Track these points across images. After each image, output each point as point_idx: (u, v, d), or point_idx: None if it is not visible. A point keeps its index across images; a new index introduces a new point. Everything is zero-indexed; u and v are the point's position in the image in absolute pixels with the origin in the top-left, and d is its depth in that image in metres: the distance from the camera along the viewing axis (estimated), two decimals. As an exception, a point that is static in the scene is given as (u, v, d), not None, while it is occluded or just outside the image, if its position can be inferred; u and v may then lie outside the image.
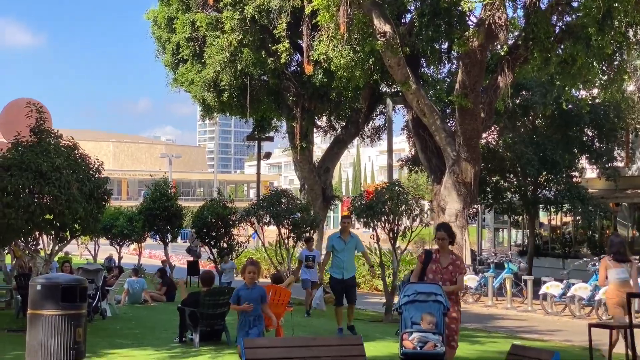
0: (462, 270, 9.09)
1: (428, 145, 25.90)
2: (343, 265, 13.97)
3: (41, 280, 8.66)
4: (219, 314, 12.33)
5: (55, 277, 8.86)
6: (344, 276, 13.97)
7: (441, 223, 10.01)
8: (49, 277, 8.86)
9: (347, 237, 14.25)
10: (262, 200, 20.71)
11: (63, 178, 13.81)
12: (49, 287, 8.52)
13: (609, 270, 11.74)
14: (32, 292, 8.62)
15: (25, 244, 14.68)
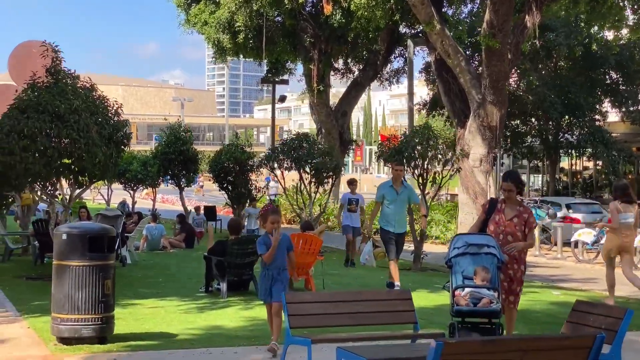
0: (532, 225, 8.06)
1: (452, 88, 25.09)
2: (394, 218, 12.40)
3: (67, 230, 8.10)
4: (247, 263, 11.82)
5: (82, 226, 8.29)
6: (395, 229, 12.39)
7: (509, 172, 9.14)
8: (76, 226, 8.29)
9: (400, 187, 12.59)
10: (282, 144, 20.06)
11: (82, 121, 13.19)
12: (76, 236, 7.96)
13: (620, 214, 12.01)
14: (58, 242, 8.08)
15: (43, 190, 14.14)
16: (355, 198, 17.32)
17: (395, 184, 12.60)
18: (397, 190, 12.54)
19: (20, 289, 12.60)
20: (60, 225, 8.62)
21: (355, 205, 17.02)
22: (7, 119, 13.35)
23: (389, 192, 12.54)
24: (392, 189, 12.56)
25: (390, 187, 12.61)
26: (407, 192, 12.70)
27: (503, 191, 8.05)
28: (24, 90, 13.73)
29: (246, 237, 11.84)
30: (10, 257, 16.95)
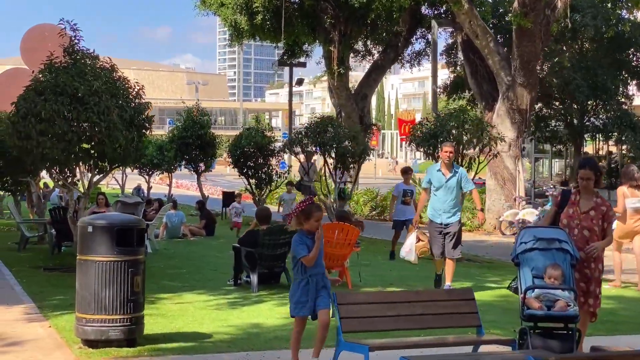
0: (611, 219, 7.26)
1: (479, 69, 24.27)
2: (442, 206, 10.90)
3: (93, 221, 7.39)
4: (279, 254, 11.10)
5: (109, 217, 7.54)
6: (442, 220, 10.91)
7: (586, 159, 8.39)
8: (102, 217, 7.55)
9: (449, 171, 11.05)
10: (307, 128, 19.28)
11: (102, 103, 12.46)
12: (102, 228, 7.24)
13: (627, 198, 12.15)
14: (82, 234, 7.37)
15: (61, 175, 13.43)
16: (410, 189, 15.63)
17: (443, 167, 11.06)
18: (446, 174, 11.00)
19: (38, 281, 11.93)
20: (84, 216, 7.88)
21: (410, 197, 15.33)
22: (23, 101, 12.64)
23: (437, 176, 11.03)
24: (440, 173, 11.02)
25: (438, 171, 11.07)
26: (458, 177, 11.06)
27: (580, 180, 7.15)
28: (41, 71, 13.00)
29: (278, 227, 11.10)
30: (26, 245, 16.31)
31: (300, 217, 6.79)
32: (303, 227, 6.84)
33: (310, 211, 6.88)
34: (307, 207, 6.90)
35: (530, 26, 20.67)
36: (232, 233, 20.63)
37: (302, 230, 6.86)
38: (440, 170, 11.06)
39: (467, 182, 11.31)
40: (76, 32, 13.24)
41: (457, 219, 11.03)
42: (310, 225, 6.84)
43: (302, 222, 6.87)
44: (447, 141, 12.84)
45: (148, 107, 13.56)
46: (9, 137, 12.84)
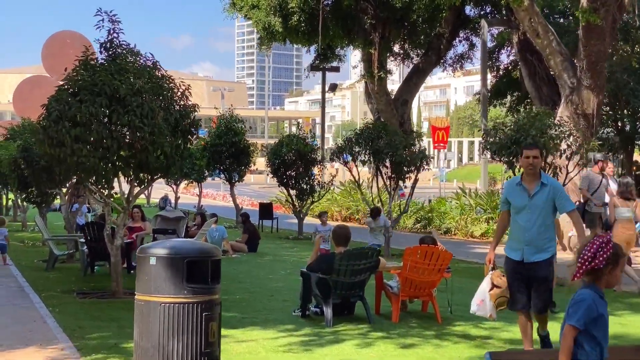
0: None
1: (537, 71, 22.54)
2: (524, 236, 7.50)
3: (156, 250, 5.74)
4: (357, 282, 9.40)
5: (177, 246, 5.85)
6: (524, 257, 7.50)
7: None
8: (168, 245, 5.86)
9: (535, 185, 7.55)
10: (358, 134, 17.62)
11: (146, 105, 10.83)
12: (169, 260, 5.60)
13: (616, 208, 12.47)
14: (143, 267, 5.73)
15: (97, 187, 11.80)
16: None
17: (526, 180, 7.60)
18: (530, 189, 7.55)
19: (72, 310, 10.29)
20: (145, 244, 6.21)
21: None
22: (55, 102, 11.02)
23: (517, 193, 7.63)
24: (521, 188, 7.60)
25: (519, 185, 7.62)
26: (549, 193, 7.51)
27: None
28: (75, 68, 11.39)
29: (359, 251, 9.39)
30: (55, 264, 14.72)
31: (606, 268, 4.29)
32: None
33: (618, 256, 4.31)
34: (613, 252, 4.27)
35: (601, 23, 18.91)
36: (278, 249, 18.96)
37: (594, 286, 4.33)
38: (522, 184, 7.60)
39: (564, 199, 7.60)
40: (115, 25, 11.60)
41: (547, 256, 7.49)
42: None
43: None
44: (529, 144, 9.02)
45: (195, 109, 11.92)
46: (39, 143, 11.23)
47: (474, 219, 23.73)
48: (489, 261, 7.86)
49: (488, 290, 7.74)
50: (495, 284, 7.71)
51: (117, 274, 11.70)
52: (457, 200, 24.87)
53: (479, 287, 7.88)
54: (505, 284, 7.64)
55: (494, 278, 7.75)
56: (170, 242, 6.14)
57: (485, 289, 7.80)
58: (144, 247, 5.89)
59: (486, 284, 7.81)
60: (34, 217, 17.98)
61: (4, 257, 15.02)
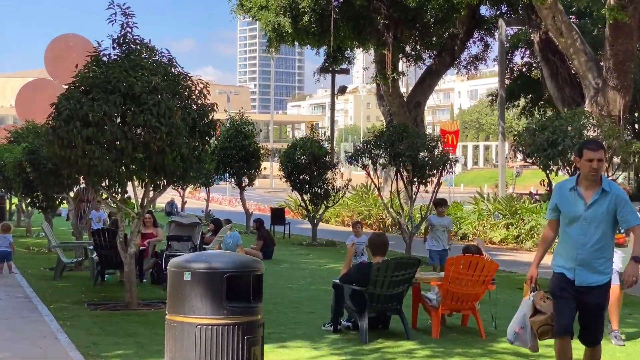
0: None
1: (559, 72, 21.79)
2: (579, 253, 6.23)
3: (190, 264, 5.01)
4: (395, 294, 8.65)
5: (214, 259, 5.11)
6: (576, 278, 6.25)
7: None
8: (204, 259, 5.11)
9: (593, 192, 6.26)
10: (378, 136, 16.87)
11: (163, 103, 10.11)
12: (207, 275, 4.88)
13: None
14: (175, 283, 5.00)
15: (109, 191, 11.07)
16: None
17: (583, 185, 6.29)
18: (587, 197, 6.25)
19: (85, 324, 9.55)
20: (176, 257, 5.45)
21: None
22: (65, 101, 10.30)
23: (570, 200, 6.32)
24: (576, 194, 6.29)
25: (572, 190, 6.31)
26: (611, 203, 6.24)
27: None
28: (87, 65, 10.67)
29: (398, 261, 8.64)
30: (63, 272, 13.99)
31: None
32: None
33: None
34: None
35: (628, 20, 18.21)
36: (293, 256, 18.23)
37: None
38: (577, 190, 6.29)
39: (629, 212, 6.25)
40: (129, 18, 10.88)
41: (604, 281, 6.27)
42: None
43: None
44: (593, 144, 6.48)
45: (213, 109, 11.19)
46: (48, 145, 10.50)
47: (493, 224, 22.98)
48: (530, 280, 6.43)
49: (529, 317, 6.37)
50: (538, 308, 6.34)
51: (131, 284, 10.97)
52: (474, 205, 24.10)
53: (518, 310, 6.58)
54: (550, 309, 6.25)
55: (537, 301, 6.37)
56: (207, 255, 5.40)
57: (525, 315, 6.42)
58: (176, 260, 5.15)
59: (527, 309, 6.42)
60: (40, 223, 17.25)
61: (10, 265, 14.30)
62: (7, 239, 14.31)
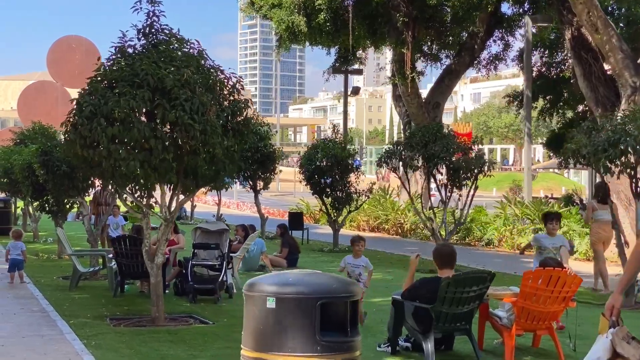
0: None
1: (592, 71, 20.78)
2: None
3: (275, 288, 4.04)
4: (465, 313, 7.67)
5: (303, 281, 4.13)
6: None
7: None
8: (290, 281, 4.15)
9: None
10: (410, 137, 15.91)
11: (196, 99, 9.16)
12: (295, 301, 3.91)
13: (595, 211, 13.53)
14: (255, 311, 4.02)
15: (134, 196, 10.09)
16: None
17: None
18: None
19: (110, 342, 8.58)
20: (255, 278, 4.46)
21: None
22: (88, 96, 9.35)
23: None
24: None
25: None
26: None
27: None
28: (111, 57, 9.70)
29: (471, 275, 7.66)
30: (78, 282, 13.02)
31: None
32: None
33: None
34: None
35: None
36: (317, 264, 17.22)
37: None
38: None
39: None
40: (155, 6, 9.92)
41: None
42: None
43: None
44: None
45: (248, 105, 10.22)
46: (69, 144, 9.52)
47: (520, 229, 22.00)
48: (610, 310, 4.61)
49: (627, 335, 4.53)
50: (619, 352, 4.49)
51: (158, 297, 10.00)
52: (501, 209, 23.13)
53: (591, 351, 4.64)
54: (636, 355, 4.45)
55: (617, 342, 4.52)
56: (293, 276, 4.40)
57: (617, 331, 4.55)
58: (253, 282, 4.19)
59: (603, 351, 4.55)
60: (52, 229, 16.28)
61: (21, 275, 13.34)
62: (19, 247, 13.36)
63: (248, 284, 4.18)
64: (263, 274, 14.97)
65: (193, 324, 10.00)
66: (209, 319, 10.25)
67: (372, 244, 22.62)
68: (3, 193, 25.89)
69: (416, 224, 26.44)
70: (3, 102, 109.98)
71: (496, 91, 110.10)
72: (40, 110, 40.09)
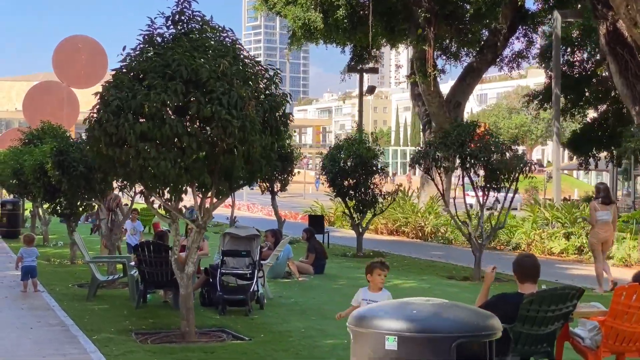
0: None
1: (629, 67, 19.87)
2: None
3: (396, 323, 3.12)
4: (547, 334, 6.74)
5: (431, 314, 3.22)
6: None
7: None
8: (415, 315, 3.23)
9: None
10: (444, 137, 14.99)
11: (234, 92, 8.25)
12: (426, 343, 3.00)
13: (597, 212, 13.66)
14: (368, 349, 3.10)
15: (163, 199, 9.19)
16: None
17: None
18: None
19: (143, 363, 7.69)
20: (365, 308, 3.52)
21: None
22: (114, 89, 8.45)
23: None
24: None
25: None
26: None
27: None
28: (138, 46, 8.80)
29: (557, 291, 6.74)
30: (96, 292, 12.12)
31: None
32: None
33: None
34: None
35: None
36: (345, 270, 16.33)
37: None
38: None
39: None
40: (187, -11, 9.02)
41: None
42: None
43: None
44: None
45: (286, 99, 9.31)
46: (93, 142, 8.60)
47: (550, 233, 21.07)
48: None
49: None
50: None
51: (188, 310, 9.10)
52: (530, 212, 22.19)
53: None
54: None
55: None
56: (417, 307, 3.43)
57: None
58: (363, 315, 3.28)
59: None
60: (67, 233, 15.39)
61: (35, 283, 12.44)
62: (33, 253, 12.47)
63: (357, 317, 3.27)
64: (293, 282, 14.17)
65: (227, 340, 9.11)
66: (243, 333, 9.36)
67: (393, 248, 21.73)
68: (11, 195, 25.05)
69: (437, 227, 25.57)
70: (7, 103, 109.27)
71: (504, 92, 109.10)
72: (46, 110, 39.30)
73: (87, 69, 47.86)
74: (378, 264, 7.41)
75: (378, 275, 7.35)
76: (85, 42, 50.31)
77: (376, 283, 7.39)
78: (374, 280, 7.37)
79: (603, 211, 13.65)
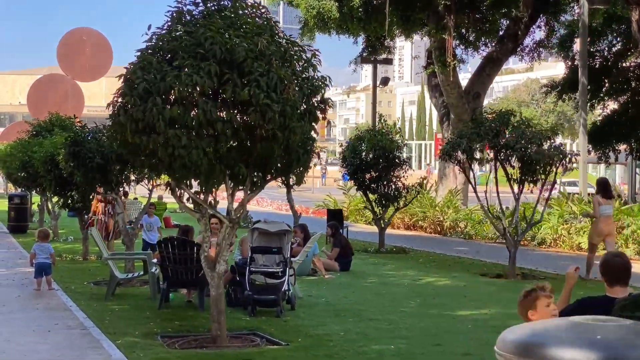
0: None
1: (663, 55, 19.08)
2: None
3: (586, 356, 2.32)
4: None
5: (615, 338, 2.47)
6: None
7: None
8: (603, 341, 2.47)
9: None
10: (476, 126, 14.22)
11: (273, 73, 7.49)
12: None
13: (601, 206, 13.83)
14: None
15: (191, 190, 8.44)
16: None
17: None
18: None
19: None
20: (508, 334, 2.77)
21: None
22: (140, 71, 7.69)
23: None
24: None
25: None
26: None
27: None
28: (165, 24, 8.04)
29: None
30: (115, 290, 11.39)
31: None
32: None
33: None
34: None
35: None
36: (371, 267, 15.58)
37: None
38: None
39: None
40: (218, -34, 8.24)
41: None
42: None
43: None
44: None
45: (326, 83, 8.54)
46: (117, 129, 7.85)
47: (579, 228, 20.27)
48: None
49: None
50: None
51: (220, 313, 8.37)
52: (557, 206, 21.40)
53: None
54: None
55: None
56: (601, 329, 2.65)
57: None
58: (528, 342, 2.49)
59: None
60: (89, 231, 14.67)
61: (49, 280, 11.72)
62: (47, 249, 11.74)
63: (519, 345, 2.51)
64: (319, 280, 13.43)
65: (261, 345, 8.37)
66: (278, 337, 8.62)
67: (414, 243, 20.99)
68: (19, 188, 24.34)
69: (456, 222, 24.82)
70: (11, 97, 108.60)
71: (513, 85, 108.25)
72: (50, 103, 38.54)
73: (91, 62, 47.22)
74: (539, 291, 4.97)
75: (546, 307, 4.95)
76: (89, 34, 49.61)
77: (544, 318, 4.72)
78: (540, 315, 4.87)
79: (606, 205, 13.93)
